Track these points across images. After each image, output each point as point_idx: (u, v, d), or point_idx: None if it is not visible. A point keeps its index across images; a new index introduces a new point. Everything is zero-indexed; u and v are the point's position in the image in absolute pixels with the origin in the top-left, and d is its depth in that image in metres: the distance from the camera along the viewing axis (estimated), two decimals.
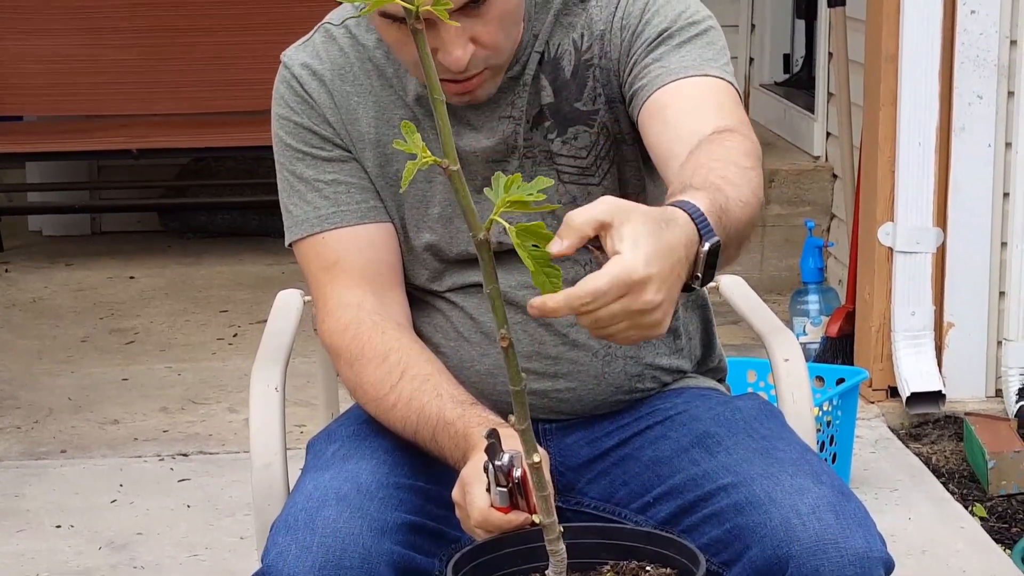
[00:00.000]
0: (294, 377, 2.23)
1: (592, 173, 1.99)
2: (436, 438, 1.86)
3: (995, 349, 4.04)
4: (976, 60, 3.89)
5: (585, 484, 2.00)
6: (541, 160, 1.98)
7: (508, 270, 1.97)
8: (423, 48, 1.42)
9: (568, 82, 1.98)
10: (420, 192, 2.01)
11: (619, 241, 1.47)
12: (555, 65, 1.98)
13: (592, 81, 1.97)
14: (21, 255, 5.84)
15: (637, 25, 1.94)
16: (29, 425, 4.07)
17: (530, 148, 1.99)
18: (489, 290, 1.46)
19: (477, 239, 1.46)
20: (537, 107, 1.98)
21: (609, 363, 2.00)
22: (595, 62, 1.97)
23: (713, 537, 1.83)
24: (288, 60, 2.06)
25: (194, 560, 3.31)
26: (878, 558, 1.77)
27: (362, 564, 1.75)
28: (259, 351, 2.17)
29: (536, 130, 1.98)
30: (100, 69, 5.85)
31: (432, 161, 1.44)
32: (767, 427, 1.96)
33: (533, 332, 1.98)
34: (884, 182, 3.98)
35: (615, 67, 1.96)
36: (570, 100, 1.98)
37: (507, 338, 1.48)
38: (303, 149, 2.02)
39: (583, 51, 1.98)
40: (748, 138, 1.81)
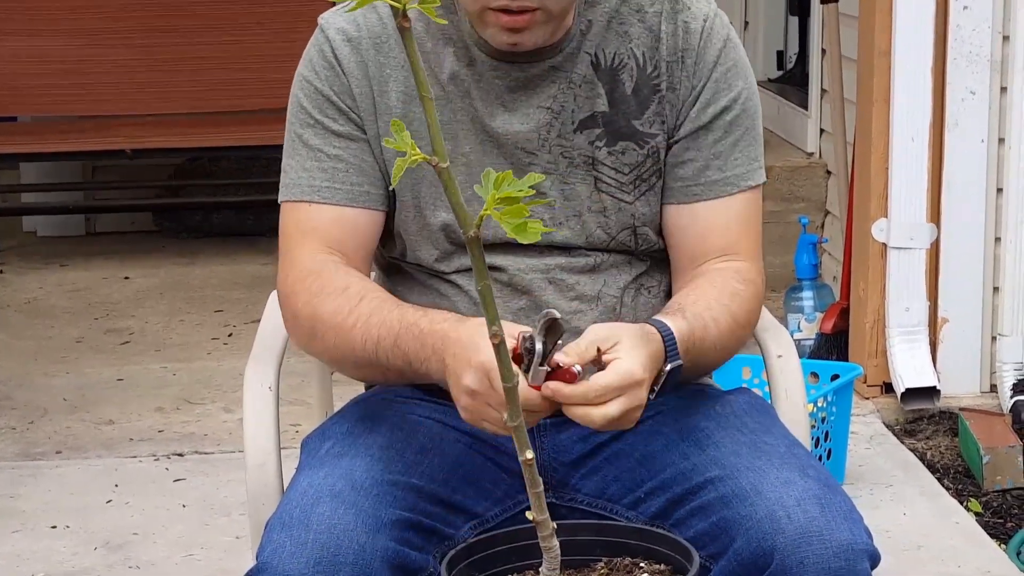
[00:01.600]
0: (288, 376, 2.24)
1: (629, 191, 2.01)
2: (399, 343, 1.86)
3: (989, 344, 4.04)
4: (969, 56, 3.89)
5: (579, 480, 2.01)
6: (580, 163, 1.99)
7: (516, 255, 1.99)
8: (411, 46, 1.42)
9: (628, 97, 2.00)
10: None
11: (616, 351, 1.77)
12: (613, 75, 1.99)
13: (656, 106, 2.00)
14: (16, 256, 5.84)
15: (707, 81, 2.00)
16: (24, 426, 4.07)
17: (570, 149, 1.99)
18: (480, 287, 1.46)
19: (468, 236, 1.46)
20: (588, 111, 1.99)
21: None
22: (662, 90, 2.00)
23: (700, 530, 1.84)
24: (325, 23, 2.05)
25: (190, 560, 3.31)
26: (863, 550, 1.78)
27: (356, 560, 1.75)
28: (253, 350, 2.17)
29: (582, 133, 1.99)
30: (94, 69, 5.84)
31: (421, 159, 1.43)
32: (756, 421, 1.97)
33: (534, 320, 1.98)
34: (877, 178, 3.99)
35: (679, 105, 2.00)
36: (628, 116, 2.00)
37: (498, 335, 1.48)
38: (316, 116, 2.01)
39: (649, 74, 2.00)
40: (757, 293, 2.02)
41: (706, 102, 2.00)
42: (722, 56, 2.01)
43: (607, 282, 2.02)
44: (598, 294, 2.01)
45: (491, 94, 1.98)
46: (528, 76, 1.98)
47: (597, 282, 2.02)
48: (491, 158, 1.98)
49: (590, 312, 2.00)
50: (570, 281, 2.01)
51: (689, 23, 2.00)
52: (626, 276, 2.03)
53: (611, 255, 2.03)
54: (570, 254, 2.01)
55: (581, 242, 2.01)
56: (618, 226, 2.01)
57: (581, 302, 2.00)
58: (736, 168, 2.02)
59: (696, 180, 2.01)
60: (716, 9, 2.04)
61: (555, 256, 2.01)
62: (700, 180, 2.01)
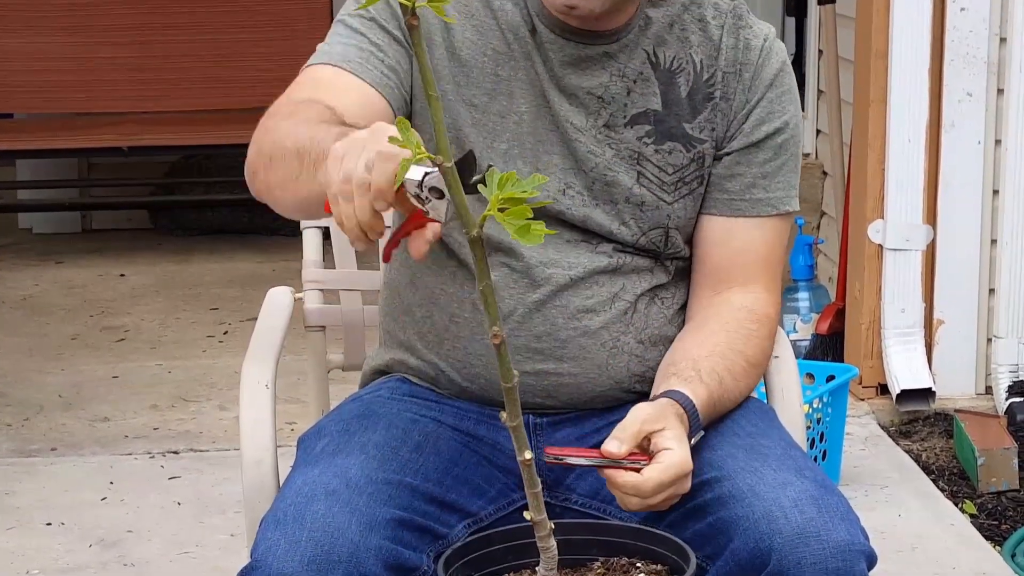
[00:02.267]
0: (285, 375, 2.24)
1: (669, 191, 2.03)
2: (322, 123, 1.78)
3: (985, 346, 4.04)
4: (966, 57, 3.89)
5: (573, 480, 2.01)
6: (625, 156, 2.01)
7: (518, 248, 1.99)
8: (419, 44, 1.42)
9: (682, 101, 2.02)
10: (492, 123, 2.00)
11: (667, 440, 1.83)
12: (670, 77, 2.02)
13: (708, 113, 2.03)
14: (11, 253, 5.83)
15: (762, 98, 2.03)
16: (19, 423, 4.07)
17: (617, 141, 2.00)
18: (482, 287, 1.46)
19: (471, 236, 1.46)
20: (641, 107, 2.01)
21: (615, 355, 2.01)
22: (716, 98, 2.03)
23: (696, 531, 1.85)
24: None
25: (184, 557, 3.31)
26: (860, 550, 1.78)
27: (350, 559, 1.75)
28: (249, 348, 2.17)
29: (632, 128, 2.01)
30: (90, 67, 5.84)
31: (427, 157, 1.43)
32: (753, 424, 1.98)
33: (547, 313, 1.99)
34: (874, 179, 3.99)
35: (731, 117, 2.03)
36: (680, 118, 2.02)
37: (499, 335, 1.48)
38: (369, 12, 1.97)
39: (705, 80, 2.02)
40: (771, 330, 2.06)
41: (759, 119, 2.04)
42: (778, 78, 2.05)
43: (625, 286, 2.02)
44: (614, 296, 2.01)
45: (545, 68, 1.99)
46: (581, 56, 1.99)
47: (616, 284, 2.02)
48: (543, 122, 1.99)
49: (603, 314, 2.00)
50: (588, 280, 2.01)
51: (750, 40, 2.04)
52: (645, 284, 2.04)
53: (635, 259, 2.03)
54: (595, 250, 2.01)
55: (613, 229, 2.01)
56: (651, 223, 2.02)
57: (596, 300, 2.00)
58: (778, 191, 2.06)
59: (742, 196, 2.05)
60: (775, 34, 2.08)
61: (580, 252, 2.01)
62: (746, 196, 2.05)
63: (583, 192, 2.00)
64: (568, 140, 1.99)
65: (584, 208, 2.00)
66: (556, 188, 1.99)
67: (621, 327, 2.01)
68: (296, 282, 2.41)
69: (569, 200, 2.00)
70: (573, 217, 2.00)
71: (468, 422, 2.02)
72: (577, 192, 2.00)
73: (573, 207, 2.00)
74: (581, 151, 1.99)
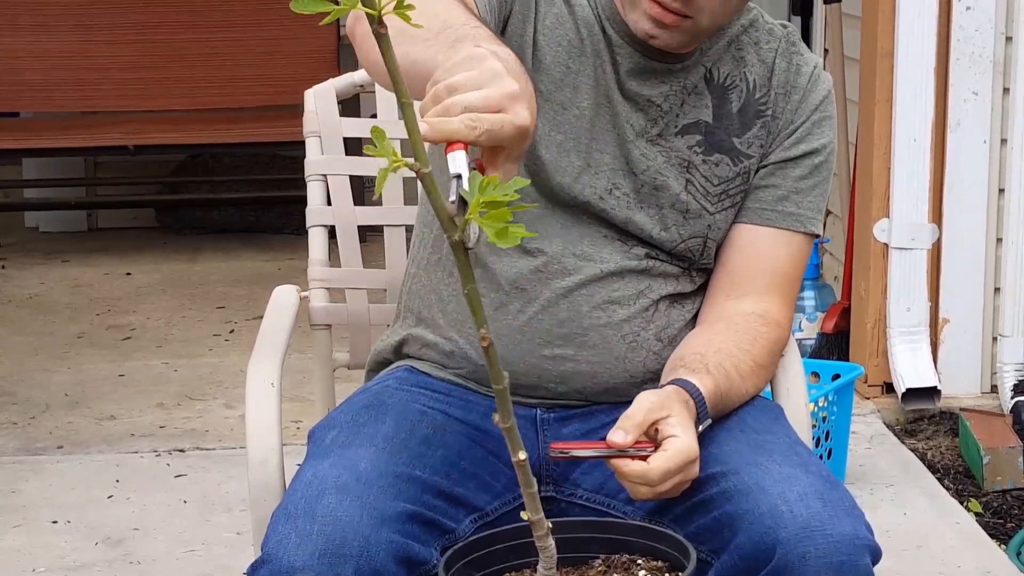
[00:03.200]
0: (290, 373, 2.24)
1: (713, 202, 2.06)
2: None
3: (990, 345, 4.04)
4: (971, 56, 3.89)
5: (579, 475, 2.02)
6: (675, 163, 2.04)
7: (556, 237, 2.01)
8: (388, 52, 1.41)
9: (733, 116, 2.07)
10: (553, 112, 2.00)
11: (672, 427, 1.83)
12: (723, 92, 2.07)
13: (758, 129, 2.08)
14: (17, 251, 5.85)
15: (806, 120, 2.09)
16: (26, 421, 4.07)
17: (668, 149, 2.04)
18: (467, 290, 1.46)
19: (452, 240, 1.45)
20: (693, 118, 2.05)
21: (634, 349, 2.03)
22: (767, 115, 2.08)
23: (701, 525, 1.85)
24: None
25: (190, 555, 3.31)
26: (865, 544, 1.79)
27: (361, 552, 1.76)
28: (255, 347, 2.17)
29: (683, 137, 2.05)
30: (96, 65, 5.85)
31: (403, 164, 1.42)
32: (759, 420, 1.99)
33: (573, 300, 2.01)
34: (879, 178, 3.99)
35: (777, 133, 2.09)
36: (730, 132, 2.06)
37: (487, 338, 1.48)
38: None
39: (757, 99, 2.08)
40: (781, 336, 2.08)
41: (800, 138, 2.09)
42: (823, 104, 2.11)
43: (651, 286, 2.05)
44: (639, 293, 2.04)
45: (611, 69, 2.02)
46: (646, 67, 2.03)
47: (642, 283, 2.04)
48: (602, 121, 2.02)
49: (627, 307, 2.03)
50: (617, 274, 2.03)
51: (801, 66, 2.10)
52: (669, 288, 2.07)
53: (665, 265, 2.06)
54: (629, 251, 2.03)
55: (655, 233, 2.04)
56: (692, 231, 2.06)
57: (622, 294, 2.03)
58: (808, 209, 2.10)
59: (774, 207, 2.08)
60: (823, 64, 2.14)
61: (614, 250, 2.03)
62: (777, 207, 2.08)
63: (629, 194, 2.03)
64: (623, 141, 2.02)
65: (628, 210, 2.03)
66: (604, 187, 2.02)
67: (642, 322, 2.03)
68: (302, 281, 2.42)
69: (614, 200, 2.03)
70: (615, 217, 2.03)
71: (475, 415, 2.03)
72: (623, 193, 2.03)
73: (618, 207, 2.03)
74: (635, 154, 2.03)
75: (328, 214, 2.43)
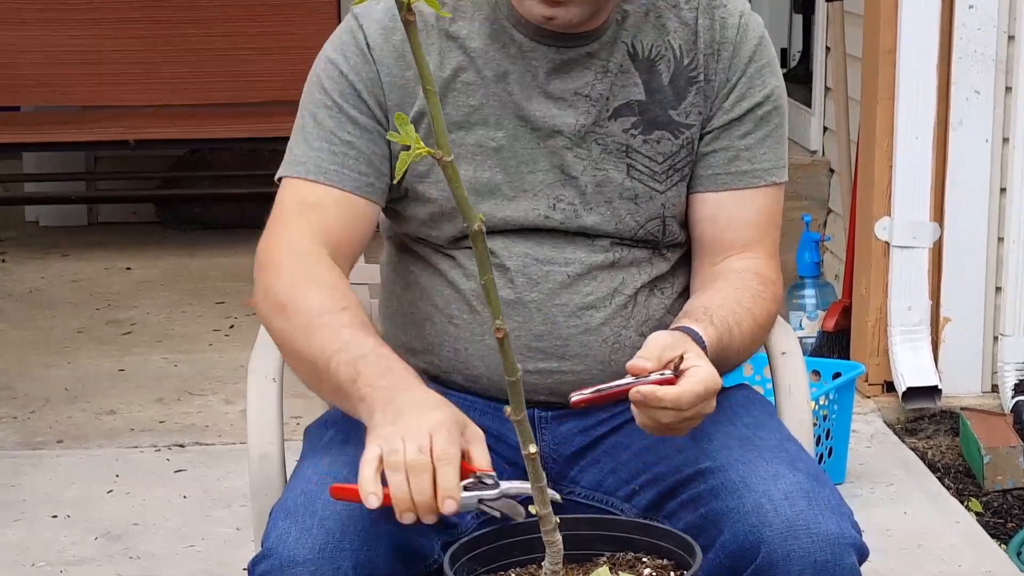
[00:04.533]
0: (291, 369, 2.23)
1: (661, 180, 2.02)
2: (358, 364, 1.81)
3: (991, 344, 4.04)
4: (974, 55, 3.89)
5: (577, 472, 2.01)
6: (613, 150, 2.00)
7: (537, 244, 1.99)
8: (415, 39, 1.42)
9: (665, 88, 2.01)
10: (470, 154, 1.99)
11: (692, 360, 1.80)
12: (650, 65, 2.01)
13: (693, 97, 2.02)
14: (17, 245, 5.84)
15: (742, 75, 2.02)
16: (25, 415, 4.07)
17: (604, 136, 1.99)
18: (484, 280, 1.46)
19: (472, 229, 1.45)
20: (624, 99, 2.00)
21: (617, 351, 2.00)
22: (700, 81, 2.02)
23: (689, 522, 1.85)
24: (360, 12, 2.01)
25: (190, 551, 3.31)
26: (849, 543, 1.78)
27: (361, 547, 1.76)
28: (257, 340, 2.17)
29: (616, 121, 2.00)
30: (97, 60, 5.84)
31: (426, 152, 1.43)
32: (751, 416, 1.98)
33: (548, 312, 1.98)
34: (881, 177, 3.99)
35: (713, 96, 2.02)
36: (665, 106, 2.01)
37: (502, 329, 1.48)
38: (335, 99, 1.98)
39: (686, 65, 2.01)
40: (776, 294, 2.05)
41: (740, 95, 2.03)
42: (757, 52, 2.04)
43: (624, 280, 2.02)
44: (613, 291, 2.01)
45: (528, 77, 1.98)
46: (566, 59, 1.98)
47: (615, 279, 2.01)
48: (522, 143, 1.98)
49: (603, 309, 2.00)
50: (587, 276, 2.00)
51: (726, 18, 2.03)
52: (644, 276, 2.03)
53: (632, 251, 2.02)
54: (593, 245, 2.00)
55: (610, 229, 2.00)
56: (647, 214, 2.01)
57: (596, 296, 2.00)
58: (764, 162, 2.05)
59: (726, 169, 2.03)
60: (750, 8, 2.07)
61: (576, 248, 2.00)
62: (730, 169, 2.03)
63: (575, 202, 1.99)
64: (553, 152, 1.98)
65: (578, 219, 1.99)
66: (546, 205, 1.99)
67: (622, 321, 2.01)
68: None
69: (561, 214, 1.99)
70: (568, 228, 2.00)
71: (473, 413, 2.01)
72: (568, 203, 1.99)
73: (566, 220, 1.99)
74: (568, 158, 1.98)
75: None
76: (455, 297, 2.01)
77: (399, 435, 1.70)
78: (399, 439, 1.70)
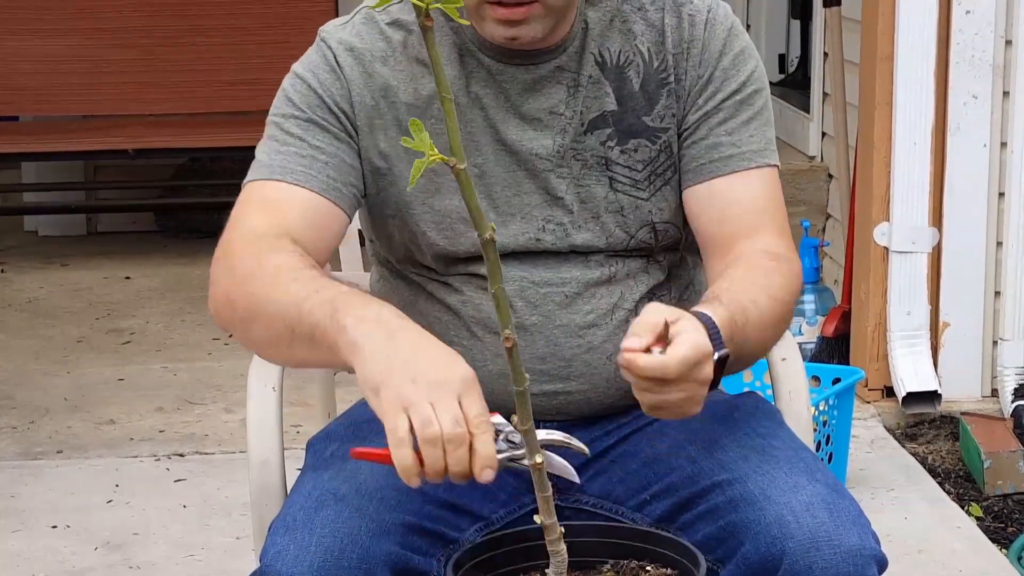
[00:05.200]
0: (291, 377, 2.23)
1: (644, 188, 1.98)
2: (334, 301, 1.72)
3: (991, 349, 4.04)
4: (971, 60, 3.89)
5: (584, 482, 2.00)
6: (593, 164, 1.97)
7: (532, 266, 1.97)
8: (432, 45, 1.42)
9: (636, 94, 1.97)
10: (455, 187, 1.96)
11: (683, 329, 1.70)
12: (619, 72, 1.97)
13: (666, 100, 1.98)
14: (17, 255, 5.84)
15: (714, 70, 1.97)
16: (25, 425, 4.07)
17: (583, 151, 1.97)
18: (495, 290, 1.46)
19: (484, 239, 1.46)
20: (597, 111, 1.97)
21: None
22: (671, 83, 1.98)
23: (708, 534, 1.84)
24: (326, 35, 2.00)
25: (190, 560, 3.31)
26: (871, 555, 1.78)
27: (360, 565, 1.75)
28: None
29: (592, 134, 1.97)
30: (96, 69, 5.84)
31: (440, 159, 1.44)
32: (764, 425, 1.96)
33: (549, 334, 1.96)
34: (880, 182, 3.99)
35: (686, 96, 1.98)
36: (637, 112, 1.97)
37: (511, 338, 1.48)
38: (304, 112, 1.95)
39: (656, 68, 1.97)
40: (792, 268, 1.95)
41: (715, 89, 1.98)
42: (727, 44, 1.99)
43: (623, 294, 1.99)
44: (613, 307, 1.98)
45: (501, 99, 1.95)
46: (535, 78, 1.96)
47: (613, 294, 1.99)
48: (504, 167, 1.96)
49: (604, 327, 1.98)
50: (585, 295, 1.98)
51: (693, 15, 1.99)
52: (642, 287, 2.01)
53: (627, 263, 2.00)
54: (587, 261, 1.98)
55: (602, 244, 1.98)
56: (637, 224, 1.99)
57: (596, 315, 1.99)
58: (751, 145, 1.98)
59: (710, 157, 1.97)
60: (718, 0, 2.03)
61: (572, 267, 1.98)
62: (714, 157, 1.97)
63: (563, 221, 1.96)
64: (536, 173, 1.96)
65: (568, 238, 1.97)
66: (536, 227, 1.97)
67: (624, 337, 2.00)
68: None
69: (552, 235, 1.96)
70: (560, 248, 1.97)
71: None
72: (557, 223, 1.96)
73: (557, 241, 1.97)
74: (551, 180, 1.96)
75: None
76: (454, 323, 1.99)
77: (426, 399, 1.61)
78: (428, 406, 1.61)
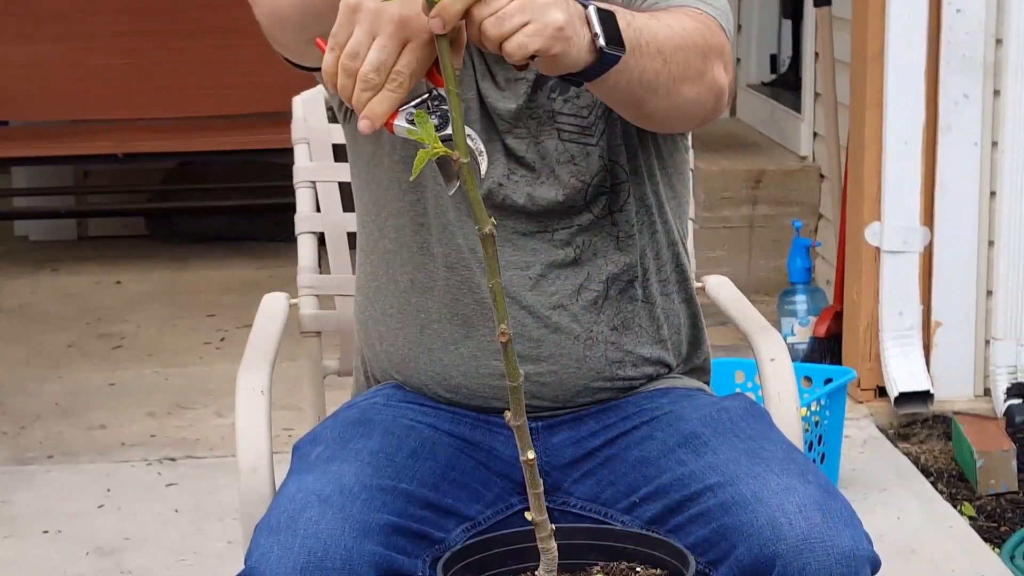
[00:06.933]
0: (281, 381, 2.24)
1: (591, 133, 1.98)
2: None
3: (983, 348, 4.04)
4: (962, 59, 3.89)
5: (571, 484, 2.00)
6: (544, 120, 1.97)
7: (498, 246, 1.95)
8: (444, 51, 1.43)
9: None
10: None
11: None
12: None
13: None
14: (7, 260, 5.83)
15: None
16: (16, 431, 4.06)
17: (535, 109, 1.97)
18: (492, 284, 1.46)
19: (483, 232, 1.46)
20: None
21: (591, 347, 1.99)
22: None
23: (700, 537, 1.83)
24: None
25: (182, 565, 3.30)
26: (864, 556, 1.77)
27: (344, 566, 1.74)
28: (245, 354, 2.16)
29: (540, 91, 1.97)
30: (85, 74, 5.84)
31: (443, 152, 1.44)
32: (754, 427, 1.96)
33: (515, 315, 1.96)
34: (871, 182, 3.99)
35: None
36: None
37: (507, 333, 1.48)
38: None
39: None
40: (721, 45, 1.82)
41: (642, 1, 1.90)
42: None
43: (590, 274, 1.99)
44: (579, 288, 1.98)
45: (482, 66, 1.97)
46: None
47: (579, 275, 1.99)
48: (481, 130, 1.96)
49: (570, 307, 1.98)
50: (550, 276, 1.98)
51: None
52: (611, 267, 2.00)
53: (594, 239, 1.99)
54: (552, 239, 1.98)
55: (559, 197, 1.97)
56: (590, 172, 1.98)
57: (561, 296, 1.98)
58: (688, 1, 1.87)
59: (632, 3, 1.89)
60: None
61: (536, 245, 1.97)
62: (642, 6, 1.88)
63: (527, 174, 1.97)
64: (503, 133, 1.97)
65: (527, 187, 1.97)
66: (500, 173, 1.97)
67: (592, 317, 1.98)
68: (293, 288, 2.41)
69: (513, 184, 1.97)
70: (516, 200, 1.97)
71: (464, 427, 2.01)
72: (521, 176, 1.97)
73: (516, 190, 1.97)
74: (510, 141, 1.97)
75: (317, 221, 2.42)
76: (427, 306, 2.00)
77: (370, 28, 1.53)
78: (368, 35, 1.52)
